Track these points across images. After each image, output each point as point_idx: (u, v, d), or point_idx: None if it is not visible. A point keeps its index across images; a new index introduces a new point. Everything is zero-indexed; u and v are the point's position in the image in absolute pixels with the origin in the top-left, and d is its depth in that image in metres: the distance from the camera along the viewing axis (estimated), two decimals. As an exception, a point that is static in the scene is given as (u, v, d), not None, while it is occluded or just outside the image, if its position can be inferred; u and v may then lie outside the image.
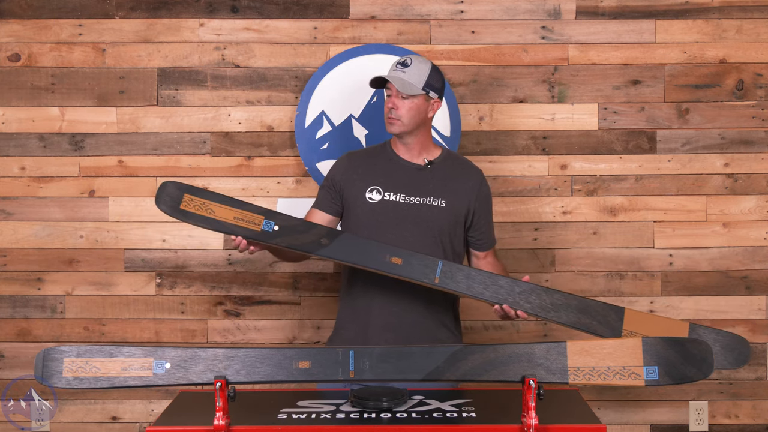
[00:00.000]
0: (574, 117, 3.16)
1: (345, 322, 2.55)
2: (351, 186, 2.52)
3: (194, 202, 2.32)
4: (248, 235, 2.33)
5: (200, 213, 2.31)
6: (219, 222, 2.32)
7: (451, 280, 2.33)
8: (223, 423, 1.95)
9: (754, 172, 3.17)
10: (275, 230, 2.32)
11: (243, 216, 2.32)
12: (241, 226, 2.32)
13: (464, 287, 2.34)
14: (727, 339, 2.40)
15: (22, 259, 3.18)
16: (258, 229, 2.31)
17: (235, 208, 2.33)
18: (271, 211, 2.36)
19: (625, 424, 3.20)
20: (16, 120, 3.16)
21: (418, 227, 2.47)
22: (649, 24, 3.15)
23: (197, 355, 2.03)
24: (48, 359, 2.01)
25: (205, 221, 2.32)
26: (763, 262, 3.17)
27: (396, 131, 2.50)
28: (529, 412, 1.95)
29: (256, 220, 2.32)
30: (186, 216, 2.33)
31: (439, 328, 2.51)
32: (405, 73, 2.46)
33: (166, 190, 2.36)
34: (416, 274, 2.33)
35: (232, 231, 2.32)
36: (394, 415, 2.07)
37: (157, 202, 2.35)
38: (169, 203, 2.34)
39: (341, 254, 2.34)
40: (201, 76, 3.15)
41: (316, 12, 3.15)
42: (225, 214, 2.32)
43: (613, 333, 2.34)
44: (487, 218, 2.59)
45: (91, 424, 3.20)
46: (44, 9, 3.15)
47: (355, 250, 2.34)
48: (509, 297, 2.33)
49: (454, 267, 2.35)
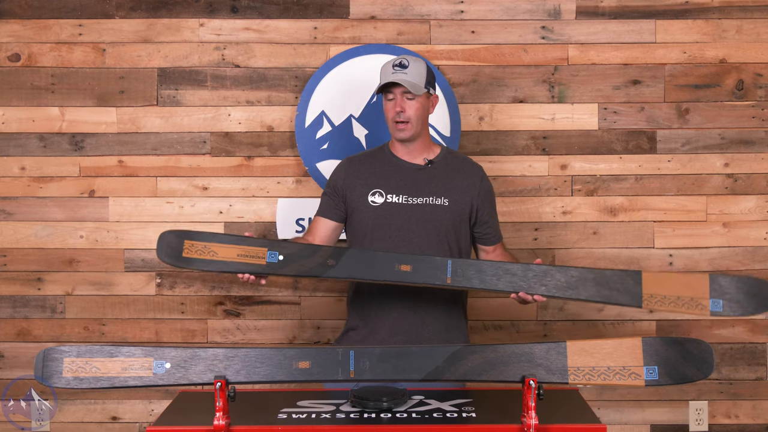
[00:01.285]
0: (574, 117, 3.16)
1: (354, 325, 2.53)
2: (353, 190, 2.52)
3: (195, 247, 2.27)
4: (255, 271, 2.28)
5: (204, 257, 2.27)
6: (224, 263, 2.27)
7: (462, 277, 2.31)
8: (223, 423, 1.95)
9: (754, 172, 3.17)
10: (281, 260, 2.28)
11: (246, 252, 2.27)
12: (246, 262, 2.27)
13: (477, 282, 2.31)
14: (748, 285, 2.33)
15: (22, 259, 3.18)
16: (263, 262, 2.27)
17: (237, 245, 2.28)
18: (272, 242, 2.32)
19: (625, 424, 3.20)
20: (16, 120, 3.16)
21: (423, 227, 2.46)
22: (649, 24, 3.15)
23: (197, 355, 2.03)
24: (48, 359, 2.01)
25: (210, 264, 2.27)
26: (763, 262, 3.17)
27: (407, 136, 2.47)
28: (529, 412, 1.95)
29: (259, 254, 2.27)
30: (190, 263, 2.29)
31: (449, 330, 2.51)
32: (407, 74, 2.44)
33: (166, 240, 2.31)
34: (428, 278, 2.30)
35: (239, 270, 2.27)
36: (394, 415, 2.07)
37: (159, 254, 2.30)
38: (171, 254, 2.30)
39: (350, 272, 2.30)
40: (201, 76, 3.16)
41: (316, 12, 3.15)
42: (228, 254, 2.28)
43: (634, 300, 2.30)
44: (491, 212, 2.59)
45: (91, 424, 3.21)
46: (44, 9, 3.15)
47: (364, 265, 2.30)
48: (523, 283, 2.31)
49: (464, 263, 2.32)
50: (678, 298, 2.30)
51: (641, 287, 2.32)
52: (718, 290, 2.31)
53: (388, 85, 2.45)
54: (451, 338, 2.49)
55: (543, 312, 3.18)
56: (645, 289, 2.32)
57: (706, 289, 2.32)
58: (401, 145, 2.54)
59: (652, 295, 2.31)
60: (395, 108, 2.46)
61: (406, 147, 2.53)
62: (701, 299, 2.30)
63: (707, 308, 2.29)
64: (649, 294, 2.31)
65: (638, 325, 3.17)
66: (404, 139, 2.49)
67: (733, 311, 2.30)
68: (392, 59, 2.50)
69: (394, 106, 2.46)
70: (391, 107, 2.47)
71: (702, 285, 2.32)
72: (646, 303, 2.29)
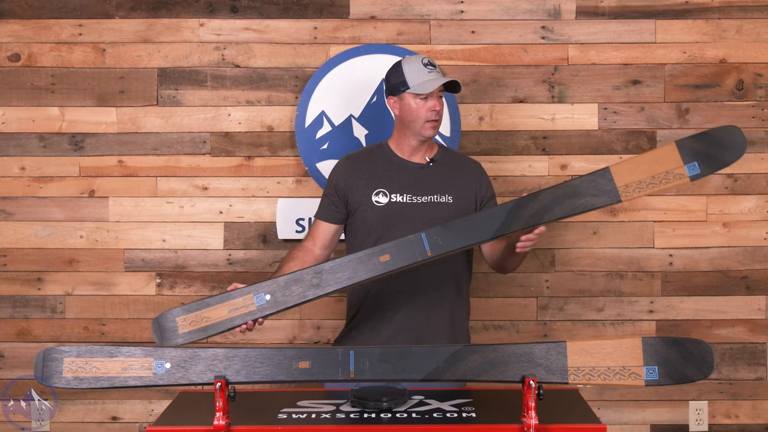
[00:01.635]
0: (574, 117, 3.16)
1: (357, 324, 2.53)
2: (355, 191, 2.51)
3: (188, 320, 2.25)
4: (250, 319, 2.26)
5: (199, 326, 2.24)
6: (219, 324, 2.25)
7: (443, 244, 2.26)
8: (223, 423, 1.95)
9: (754, 172, 3.17)
10: (268, 300, 2.27)
11: (234, 305, 2.26)
12: (239, 314, 2.26)
13: (461, 240, 2.27)
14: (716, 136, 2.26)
15: (22, 259, 3.18)
16: (254, 308, 2.25)
17: (224, 303, 2.26)
18: (256, 285, 2.28)
19: (625, 424, 3.20)
20: (16, 120, 3.16)
21: (429, 225, 2.45)
22: (649, 24, 3.15)
23: (197, 355, 2.03)
24: (48, 359, 2.01)
25: (206, 331, 2.25)
26: (763, 262, 3.17)
27: (435, 134, 2.50)
28: (529, 412, 1.95)
29: (247, 302, 2.26)
30: (190, 336, 2.25)
31: (453, 328, 2.50)
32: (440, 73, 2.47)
33: (160, 325, 2.25)
34: (409, 259, 2.26)
35: (234, 325, 2.26)
36: (394, 415, 2.07)
37: (159, 342, 2.24)
38: (170, 337, 2.24)
39: (337, 283, 2.27)
40: (201, 76, 3.16)
41: (316, 12, 3.15)
42: (219, 314, 2.26)
43: (611, 197, 2.25)
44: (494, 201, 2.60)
45: (91, 424, 3.21)
46: (44, 9, 3.15)
47: (347, 273, 2.27)
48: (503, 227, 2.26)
49: (437, 230, 2.27)
50: (653, 177, 2.24)
51: (614, 182, 2.26)
52: (689, 153, 2.25)
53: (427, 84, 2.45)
54: (456, 336, 2.50)
55: (543, 312, 3.18)
56: (618, 182, 2.26)
57: (677, 156, 2.25)
58: (407, 145, 2.52)
59: (627, 185, 2.25)
60: (434, 107, 2.45)
61: (413, 146, 2.52)
62: (676, 169, 2.23)
63: (685, 175, 2.22)
64: (624, 185, 2.25)
65: (638, 325, 3.17)
66: (431, 137, 2.50)
67: (712, 167, 2.25)
68: (417, 58, 2.49)
69: (433, 105, 2.45)
70: (429, 106, 2.45)
71: (672, 155, 2.25)
72: (624, 194, 2.24)
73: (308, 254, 2.51)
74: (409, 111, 2.47)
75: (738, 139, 2.25)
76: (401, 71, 2.47)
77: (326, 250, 2.55)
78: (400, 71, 2.47)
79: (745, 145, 2.25)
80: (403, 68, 2.47)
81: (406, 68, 2.47)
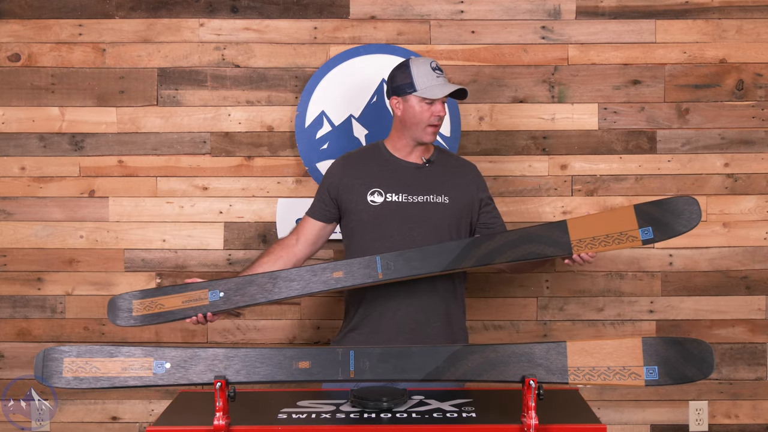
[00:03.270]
0: (574, 117, 3.16)
1: (356, 325, 2.52)
2: (350, 190, 2.51)
3: (143, 304, 2.36)
4: (200, 312, 2.35)
5: (152, 312, 2.36)
6: (171, 312, 2.36)
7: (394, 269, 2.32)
8: (223, 423, 1.95)
9: (754, 172, 3.17)
10: (221, 297, 2.36)
11: (189, 297, 2.36)
12: (192, 306, 2.36)
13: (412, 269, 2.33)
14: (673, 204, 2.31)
15: (22, 259, 3.18)
16: (207, 302, 2.36)
17: (180, 293, 2.37)
18: (212, 282, 2.38)
19: (625, 424, 3.20)
20: (16, 120, 3.16)
21: (424, 225, 2.46)
22: (649, 24, 3.15)
23: (197, 355, 2.03)
24: (48, 359, 2.01)
25: (158, 317, 2.36)
26: (763, 262, 3.17)
27: (434, 139, 2.51)
28: (529, 412, 1.95)
29: (201, 296, 2.36)
30: (143, 320, 2.36)
31: (449, 327, 2.50)
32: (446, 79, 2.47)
33: (115, 305, 2.37)
34: (361, 279, 2.33)
35: (185, 315, 2.35)
36: (394, 415, 2.07)
37: (111, 319, 2.37)
38: (123, 316, 2.37)
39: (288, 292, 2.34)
40: (201, 76, 3.16)
41: (316, 12, 3.15)
42: (174, 303, 2.37)
43: (563, 249, 2.31)
44: (493, 203, 2.61)
45: (91, 424, 3.21)
46: (44, 9, 3.15)
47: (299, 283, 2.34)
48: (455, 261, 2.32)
49: (392, 257, 2.34)
50: (607, 236, 2.29)
51: (568, 235, 2.32)
52: (645, 218, 2.29)
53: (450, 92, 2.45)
54: (453, 335, 2.50)
55: (543, 312, 3.18)
56: (573, 236, 2.32)
57: (633, 219, 2.30)
58: (403, 145, 2.53)
59: (581, 240, 2.31)
60: (439, 113, 2.46)
61: (410, 147, 2.52)
62: (630, 231, 2.28)
63: (638, 238, 2.28)
64: (578, 239, 2.31)
65: (638, 325, 3.17)
66: (431, 143, 2.52)
67: (665, 234, 2.28)
68: (424, 60, 2.49)
69: (438, 110, 2.46)
70: (433, 111, 2.46)
71: (628, 217, 2.31)
72: (576, 248, 2.30)
73: (285, 250, 2.53)
74: (413, 114, 2.47)
75: (694, 210, 2.30)
76: (409, 73, 2.46)
77: (310, 247, 2.56)
78: (407, 72, 2.46)
79: (699, 218, 2.29)
80: (411, 70, 2.46)
81: (415, 70, 2.46)
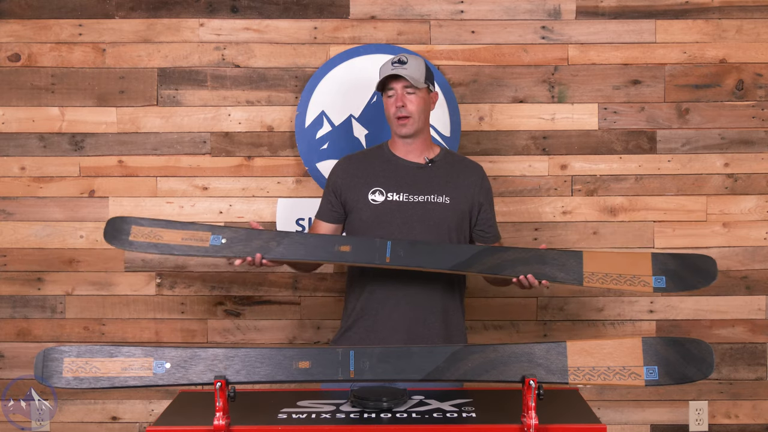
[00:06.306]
0: (574, 117, 3.16)
1: (353, 324, 2.52)
2: (352, 189, 2.52)
3: (142, 231, 2.39)
4: (197, 253, 2.37)
5: (149, 240, 2.38)
6: (168, 246, 2.39)
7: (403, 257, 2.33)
8: (223, 423, 1.95)
9: (754, 172, 3.17)
10: (223, 243, 2.37)
11: (190, 236, 2.38)
12: (190, 245, 2.38)
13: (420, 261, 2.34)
14: (691, 261, 2.35)
15: (22, 259, 3.18)
16: (207, 245, 2.37)
17: (181, 230, 2.39)
18: (217, 227, 2.41)
19: (625, 424, 3.20)
20: (16, 120, 3.16)
21: (425, 225, 2.46)
22: (649, 24, 3.15)
23: (197, 355, 2.03)
24: (48, 359, 2.01)
25: (154, 247, 2.38)
26: (763, 262, 3.17)
27: (410, 131, 2.47)
28: (529, 412, 1.95)
29: (203, 237, 2.38)
30: (136, 246, 2.39)
31: (447, 327, 2.50)
32: (406, 68, 2.44)
33: (114, 225, 2.42)
34: (367, 259, 2.34)
35: (183, 252, 2.37)
36: (394, 415, 2.07)
37: (106, 237, 2.40)
38: (118, 237, 2.40)
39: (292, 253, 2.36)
40: (201, 76, 3.16)
41: (316, 12, 3.15)
42: (173, 237, 2.39)
43: (574, 278, 2.33)
44: (491, 211, 2.60)
45: (91, 424, 3.21)
46: (44, 9, 3.15)
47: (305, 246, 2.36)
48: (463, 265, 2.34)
49: (403, 244, 2.35)
50: (620, 276, 2.32)
51: (582, 266, 2.34)
52: (661, 267, 2.32)
53: (388, 80, 2.46)
54: (450, 335, 2.50)
55: (543, 312, 3.18)
56: (586, 268, 2.34)
57: (649, 266, 2.32)
58: (402, 144, 2.53)
59: (593, 273, 2.33)
60: (396, 103, 2.45)
61: (407, 145, 2.52)
62: (643, 276, 2.31)
63: (650, 285, 2.30)
64: (590, 272, 2.33)
65: (638, 325, 3.17)
66: (406, 135, 2.49)
67: (677, 287, 2.31)
68: (391, 58, 2.51)
69: (395, 101, 2.46)
70: (391, 103, 2.47)
71: (644, 263, 2.33)
72: (587, 280, 2.32)
73: None
74: (385, 110, 2.52)
75: (711, 270, 2.32)
76: (379, 73, 2.51)
77: None
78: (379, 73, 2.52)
79: (715, 278, 2.32)
80: (380, 68, 2.51)
81: (381, 68, 2.51)
